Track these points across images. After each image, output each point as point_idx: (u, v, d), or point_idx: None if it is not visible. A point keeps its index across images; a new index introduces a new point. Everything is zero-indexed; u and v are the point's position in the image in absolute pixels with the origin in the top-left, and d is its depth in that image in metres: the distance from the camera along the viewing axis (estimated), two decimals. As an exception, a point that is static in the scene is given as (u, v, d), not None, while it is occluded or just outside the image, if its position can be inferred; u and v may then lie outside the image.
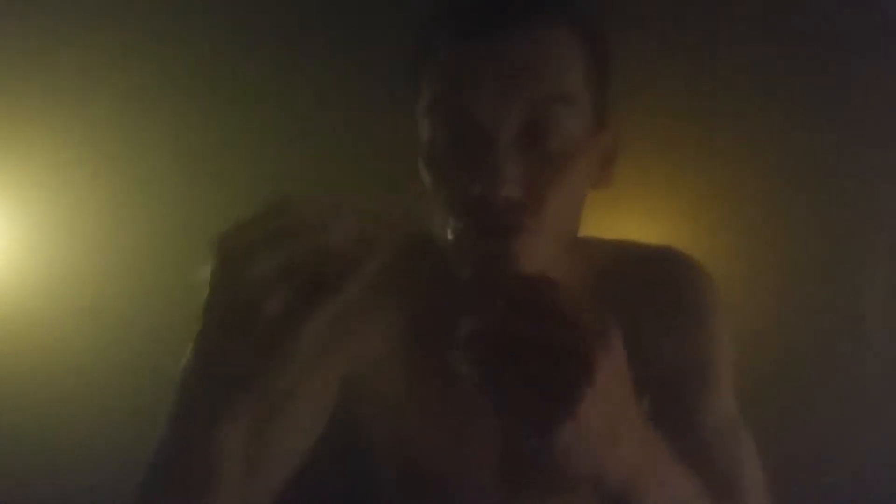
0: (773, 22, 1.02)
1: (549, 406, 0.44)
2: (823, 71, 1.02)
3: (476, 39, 0.59)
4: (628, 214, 1.03)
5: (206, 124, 1.06)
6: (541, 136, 0.59)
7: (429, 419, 0.73)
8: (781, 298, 1.05)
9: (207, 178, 1.06)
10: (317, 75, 1.05)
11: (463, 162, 0.59)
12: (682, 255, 0.76)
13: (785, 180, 1.05)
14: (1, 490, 1.07)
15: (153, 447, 0.54)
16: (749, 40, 1.03)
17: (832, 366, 1.05)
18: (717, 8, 1.02)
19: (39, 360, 1.07)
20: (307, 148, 1.06)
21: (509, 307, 0.46)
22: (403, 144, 0.69)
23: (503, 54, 0.58)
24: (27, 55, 1.05)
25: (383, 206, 0.47)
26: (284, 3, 1.04)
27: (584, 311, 0.45)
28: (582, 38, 0.62)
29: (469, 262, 0.61)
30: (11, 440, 1.07)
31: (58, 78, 1.05)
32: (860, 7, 1.01)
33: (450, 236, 0.61)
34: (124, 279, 1.07)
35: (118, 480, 1.07)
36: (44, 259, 1.07)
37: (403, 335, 0.72)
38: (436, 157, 0.62)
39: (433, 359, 0.70)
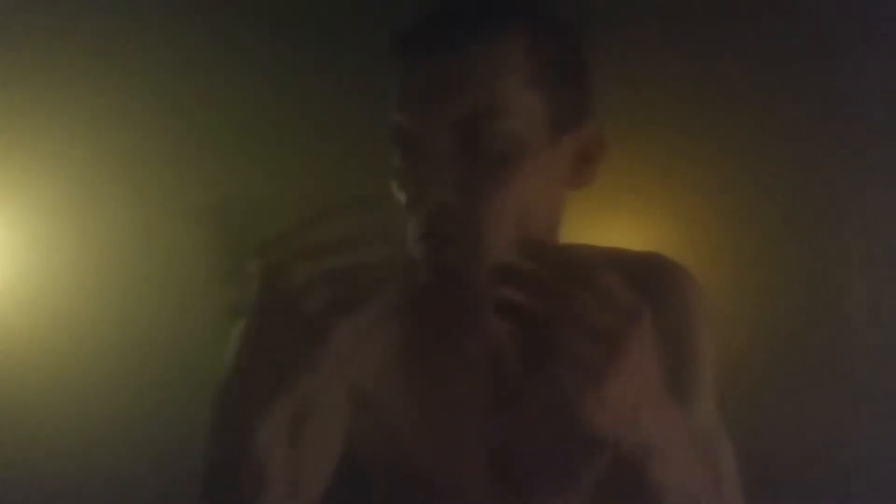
0: (760, 25, 1.03)
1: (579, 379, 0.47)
2: (809, 75, 1.04)
3: (425, 49, 0.61)
4: (616, 219, 1.04)
5: (207, 128, 1.06)
6: (474, 144, 0.60)
7: (421, 423, 0.74)
8: (769, 301, 1.05)
9: (207, 183, 1.06)
10: (308, 76, 1.06)
11: (407, 174, 0.62)
12: (668, 261, 0.76)
13: (775, 184, 1.06)
14: (1, 490, 1.07)
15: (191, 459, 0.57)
16: (737, 44, 1.04)
17: (818, 366, 1.06)
18: (706, 11, 1.03)
19: (39, 363, 1.07)
20: (304, 149, 1.07)
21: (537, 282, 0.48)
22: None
23: (440, 66, 0.60)
24: (27, 60, 1.05)
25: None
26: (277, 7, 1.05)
27: (616, 288, 0.48)
28: (537, 46, 0.62)
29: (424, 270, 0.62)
30: (11, 442, 1.07)
31: (58, 84, 1.05)
32: (844, 11, 1.02)
33: (413, 247, 0.63)
34: (124, 283, 1.07)
35: (118, 482, 1.08)
36: (43, 263, 1.07)
37: (398, 343, 0.73)
38: (394, 170, 0.65)
39: (427, 365, 0.71)
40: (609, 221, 1.03)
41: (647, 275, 0.74)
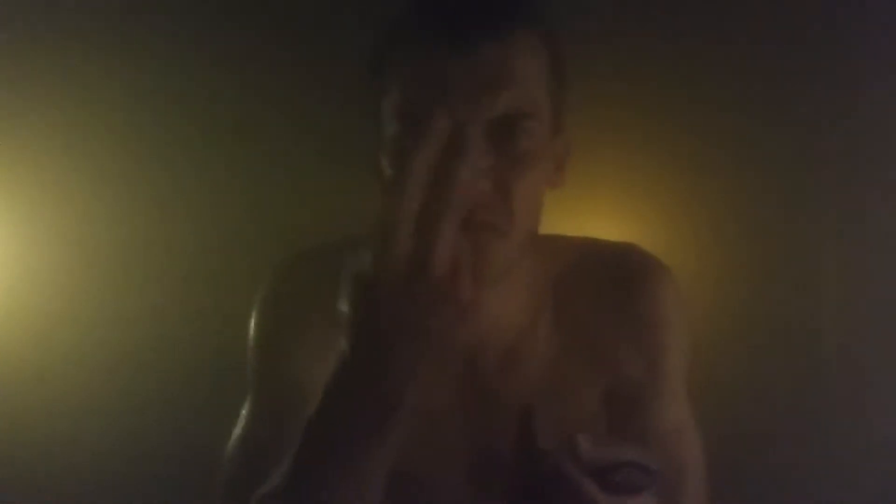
0: (740, 22, 1.02)
1: None
2: (790, 71, 1.02)
3: (449, 44, 0.60)
4: (593, 213, 1.04)
5: (209, 128, 1.06)
6: (508, 137, 0.61)
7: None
8: (748, 294, 1.04)
9: (209, 186, 1.06)
10: (309, 77, 1.05)
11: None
12: (641, 253, 0.76)
13: (752, 180, 1.04)
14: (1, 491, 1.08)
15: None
16: (715, 40, 1.02)
17: (797, 360, 1.04)
18: (685, 10, 1.02)
19: (39, 367, 1.07)
20: (303, 152, 1.07)
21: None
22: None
23: (474, 60, 0.59)
24: (29, 62, 1.04)
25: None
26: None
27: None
28: (546, 48, 0.64)
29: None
30: (11, 443, 1.08)
31: (59, 85, 1.04)
32: (823, 9, 1.01)
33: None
34: (124, 285, 1.06)
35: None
36: (44, 268, 1.06)
37: None
38: (401, 154, 0.62)
39: None
40: (586, 213, 1.04)
41: (619, 266, 0.73)
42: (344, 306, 0.48)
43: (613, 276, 0.74)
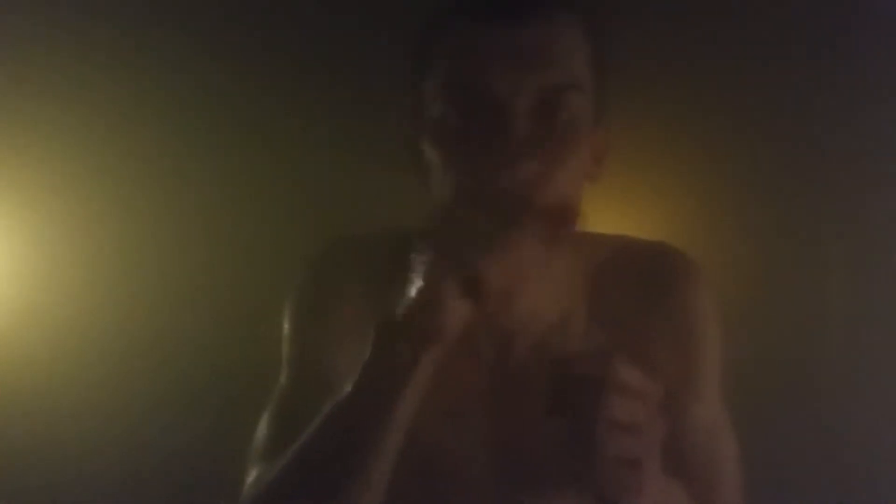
0: (767, 21, 1.02)
1: None
2: (815, 71, 1.03)
3: (495, 21, 0.62)
4: (624, 211, 1.04)
5: (220, 130, 1.06)
6: (552, 112, 0.62)
7: (426, 413, 0.74)
8: (775, 293, 1.05)
9: (220, 185, 1.07)
10: (317, 75, 1.06)
11: (477, 135, 0.61)
12: (675, 251, 0.76)
13: (780, 178, 1.04)
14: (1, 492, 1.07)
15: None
16: (745, 39, 1.03)
17: (825, 361, 1.04)
18: (714, 7, 1.02)
19: (49, 370, 1.07)
20: (306, 152, 1.07)
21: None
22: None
23: (520, 35, 0.62)
24: (30, 64, 1.05)
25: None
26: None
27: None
28: (587, 31, 0.66)
29: (478, 241, 0.62)
30: (11, 447, 1.07)
31: (61, 87, 1.05)
32: (851, 9, 1.02)
33: (457, 218, 0.62)
34: (125, 287, 1.07)
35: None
36: (52, 269, 1.07)
37: None
38: (447, 134, 0.64)
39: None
40: (617, 214, 1.03)
41: (654, 265, 0.74)
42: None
43: (648, 274, 0.74)
